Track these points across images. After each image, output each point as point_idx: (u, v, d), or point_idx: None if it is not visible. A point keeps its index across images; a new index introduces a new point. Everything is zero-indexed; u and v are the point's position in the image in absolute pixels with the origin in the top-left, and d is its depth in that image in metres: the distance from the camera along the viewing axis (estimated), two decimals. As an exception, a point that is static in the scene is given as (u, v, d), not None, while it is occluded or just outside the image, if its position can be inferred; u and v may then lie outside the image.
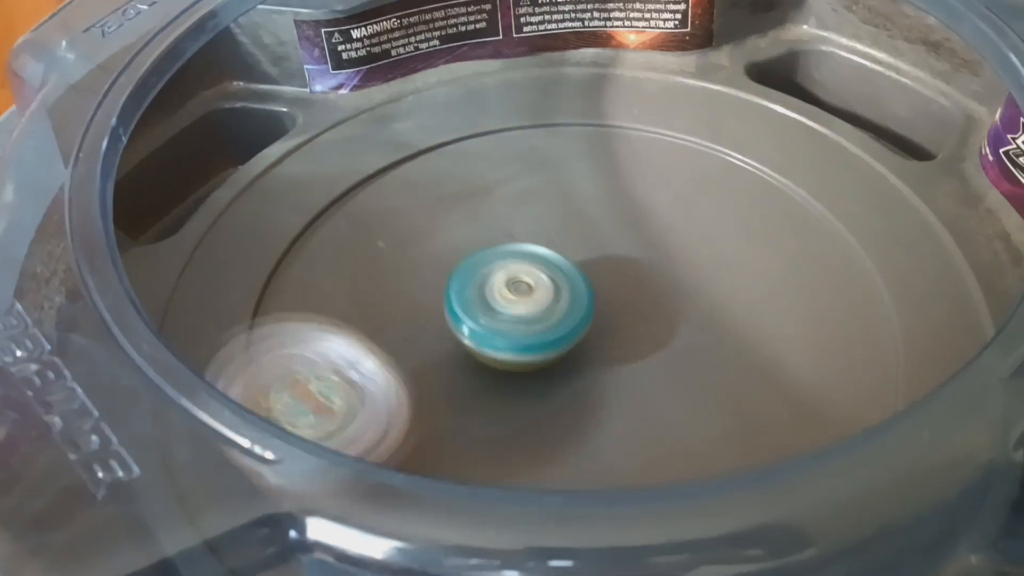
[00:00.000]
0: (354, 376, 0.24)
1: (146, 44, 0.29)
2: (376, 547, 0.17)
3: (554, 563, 0.18)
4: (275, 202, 0.33)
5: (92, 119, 0.26)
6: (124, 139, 0.26)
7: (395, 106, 0.36)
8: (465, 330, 0.27)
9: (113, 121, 0.26)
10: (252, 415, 0.19)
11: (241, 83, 0.37)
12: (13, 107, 0.32)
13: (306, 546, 0.18)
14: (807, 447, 0.24)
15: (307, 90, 0.36)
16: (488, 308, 0.27)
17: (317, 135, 0.35)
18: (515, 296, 0.27)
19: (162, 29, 0.29)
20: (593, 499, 0.19)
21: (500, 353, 0.27)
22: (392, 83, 0.37)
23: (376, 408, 0.24)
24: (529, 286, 0.27)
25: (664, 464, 0.26)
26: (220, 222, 0.32)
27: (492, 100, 0.37)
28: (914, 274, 0.29)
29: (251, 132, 0.36)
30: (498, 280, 0.28)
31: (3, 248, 0.24)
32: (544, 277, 0.28)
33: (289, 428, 0.22)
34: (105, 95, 0.27)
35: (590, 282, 0.28)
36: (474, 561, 0.18)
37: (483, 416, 0.27)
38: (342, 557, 0.17)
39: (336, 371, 0.24)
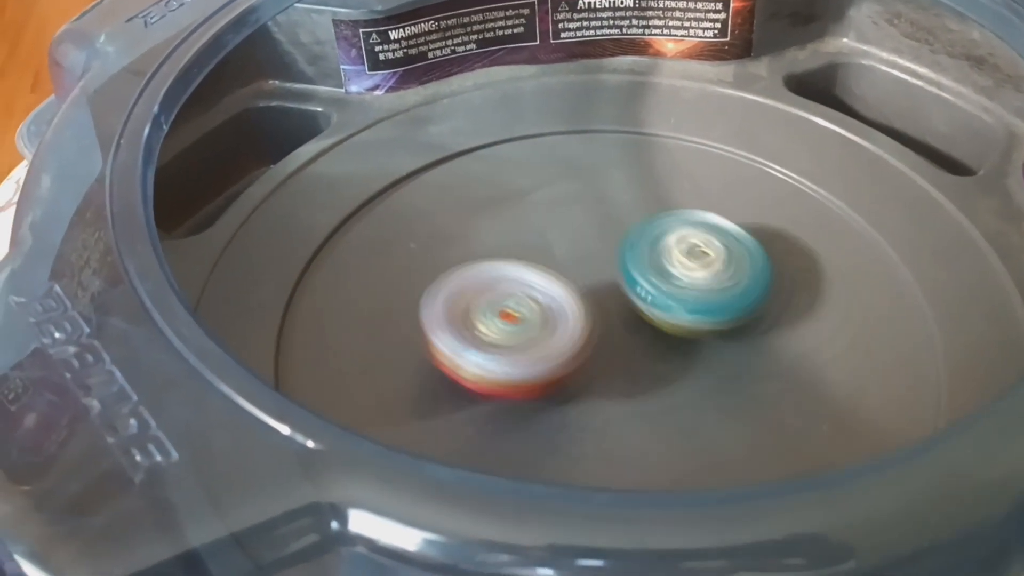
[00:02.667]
0: (545, 299, 0.27)
1: (188, 35, 0.29)
2: (421, 541, 0.17)
3: (592, 563, 0.18)
4: (308, 201, 0.33)
5: (134, 106, 0.26)
6: (165, 127, 0.26)
7: (430, 108, 0.36)
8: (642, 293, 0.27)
9: (155, 109, 0.26)
10: (293, 402, 0.19)
11: (277, 82, 0.37)
12: (52, 97, 0.32)
13: (348, 538, 0.17)
14: (845, 462, 0.24)
15: (342, 90, 0.36)
16: (665, 272, 0.28)
17: (351, 135, 0.35)
18: (693, 263, 0.28)
19: (204, 21, 0.29)
20: (635, 500, 0.19)
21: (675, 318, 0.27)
22: (428, 85, 0.37)
23: (566, 324, 0.26)
24: (706, 254, 0.28)
25: (700, 477, 0.25)
26: (253, 219, 0.32)
27: (528, 105, 0.36)
28: (955, 288, 0.29)
29: (285, 131, 0.36)
30: (673, 245, 0.28)
31: (39, 234, 0.24)
32: (719, 246, 0.28)
33: (490, 340, 0.26)
34: (147, 83, 0.27)
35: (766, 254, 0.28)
36: (513, 557, 0.17)
37: (516, 411, 0.27)
38: (385, 551, 0.17)
39: (531, 294, 0.27)
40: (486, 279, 0.27)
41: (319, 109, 0.36)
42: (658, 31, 0.37)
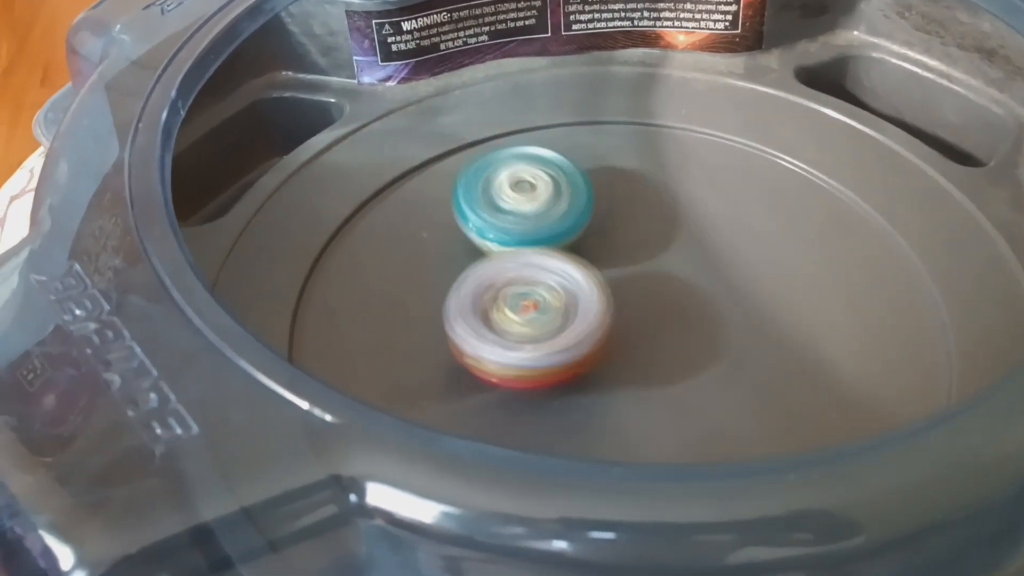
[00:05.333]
0: (566, 287, 0.27)
1: (204, 22, 0.29)
2: (438, 514, 0.17)
3: (603, 535, 0.18)
4: (321, 189, 0.33)
5: (152, 92, 0.26)
6: (183, 112, 0.26)
7: (442, 99, 0.36)
8: (471, 225, 0.29)
9: (173, 94, 0.26)
10: (311, 377, 0.19)
11: (290, 73, 0.37)
12: (68, 85, 0.33)
13: (366, 511, 0.17)
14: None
15: (355, 81, 0.36)
16: (493, 205, 0.30)
17: (364, 125, 0.35)
18: (518, 194, 0.30)
19: (219, 9, 0.30)
20: (646, 474, 0.19)
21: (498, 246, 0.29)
22: (439, 77, 0.37)
23: (586, 313, 0.26)
24: (531, 184, 0.30)
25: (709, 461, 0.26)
26: (266, 208, 0.32)
27: (539, 96, 0.37)
28: (966, 278, 0.29)
29: (298, 121, 0.36)
30: (502, 179, 0.30)
31: (58, 216, 0.24)
32: (545, 176, 0.30)
33: (510, 331, 0.26)
34: (164, 69, 0.27)
35: (589, 180, 0.31)
36: (527, 530, 0.18)
37: (529, 397, 0.27)
38: (402, 523, 0.17)
39: (552, 282, 0.27)
40: (506, 268, 0.28)
41: (332, 100, 0.36)
42: (669, 23, 0.37)
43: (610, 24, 0.37)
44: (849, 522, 0.19)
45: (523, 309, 0.26)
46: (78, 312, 0.21)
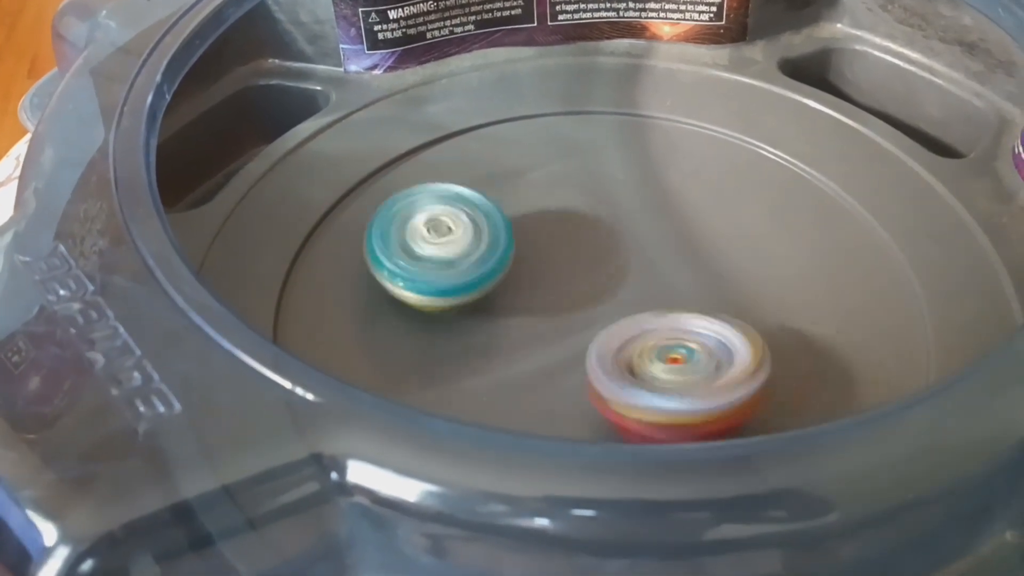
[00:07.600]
0: (712, 341, 0.25)
1: (190, 8, 0.29)
2: (418, 491, 0.17)
3: (583, 512, 0.18)
4: (306, 177, 0.33)
5: (136, 76, 0.26)
6: (168, 96, 0.26)
7: (428, 88, 0.36)
8: (386, 273, 0.28)
9: (158, 78, 0.26)
10: (293, 356, 0.19)
11: (276, 60, 0.37)
12: (54, 70, 0.33)
13: (346, 489, 0.18)
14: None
15: (341, 70, 0.37)
16: (409, 250, 0.28)
17: (350, 114, 0.35)
18: (436, 238, 0.28)
19: (205, -5, 0.30)
20: (625, 453, 0.19)
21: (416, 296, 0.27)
22: (426, 66, 0.37)
23: (734, 362, 0.25)
24: (449, 228, 0.28)
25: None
26: (251, 194, 0.32)
27: (525, 86, 0.37)
28: (946, 268, 0.29)
29: (284, 109, 0.36)
30: (419, 221, 0.28)
31: (43, 199, 0.24)
32: (465, 218, 0.28)
33: (658, 383, 0.24)
34: (150, 54, 0.27)
35: (509, 222, 0.29)
36: (508, 507, 0.18)
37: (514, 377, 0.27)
38: (382, 501, 0.17)
39: (696, 338, 0.25)
40: (649, 328, 0.26)
41: (318, 88, 0.36)
42: (654, 14, 0.37)
43: (596, 14, 0.37)
44: (823, 500, 0.19)
45: (670, 361, 0.25)
46: (62, 292, 0.21)
